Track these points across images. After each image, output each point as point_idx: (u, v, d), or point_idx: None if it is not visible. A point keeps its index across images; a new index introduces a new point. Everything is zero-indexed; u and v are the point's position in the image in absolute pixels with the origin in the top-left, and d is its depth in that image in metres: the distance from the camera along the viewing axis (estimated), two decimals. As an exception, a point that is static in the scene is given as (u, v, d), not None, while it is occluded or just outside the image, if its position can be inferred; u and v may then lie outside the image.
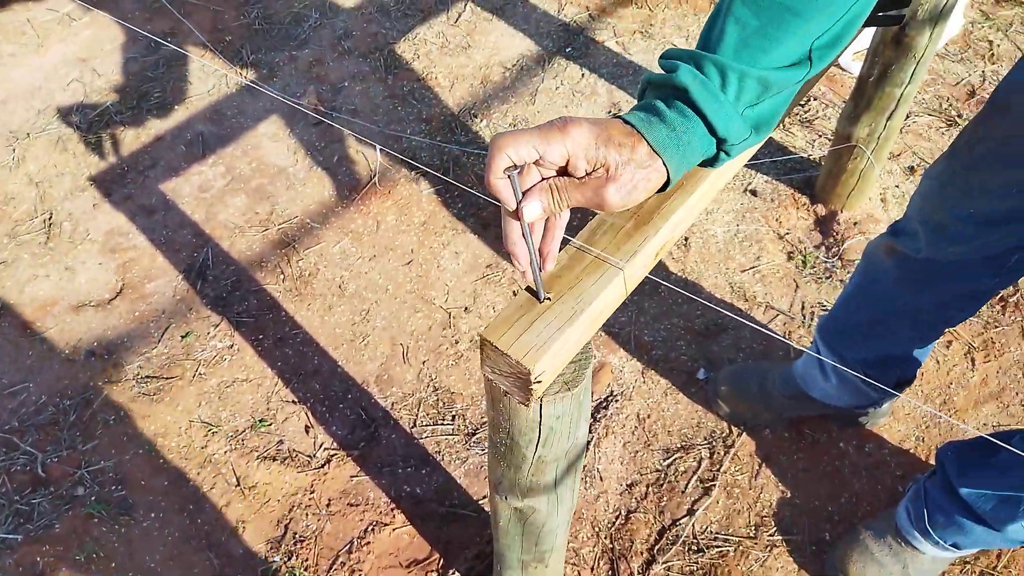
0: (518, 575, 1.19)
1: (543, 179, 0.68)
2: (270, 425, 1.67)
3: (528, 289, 0.76)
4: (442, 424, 1.67)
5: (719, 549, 1.50)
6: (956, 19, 2.40)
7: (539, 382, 0.73)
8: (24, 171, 2.12)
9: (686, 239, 1.93)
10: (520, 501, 0.95)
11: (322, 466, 1.61)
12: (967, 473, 1.24)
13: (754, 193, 2.03)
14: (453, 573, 1.48)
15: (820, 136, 2.15)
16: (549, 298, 0.75)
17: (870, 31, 1.75)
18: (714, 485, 1.57)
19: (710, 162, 0.73)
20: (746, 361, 1.73)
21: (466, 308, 1.85)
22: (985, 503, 1.22)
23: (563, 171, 0.68)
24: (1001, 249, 1.12)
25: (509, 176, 0.67)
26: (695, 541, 1.51)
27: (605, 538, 1.52)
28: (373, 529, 1.54)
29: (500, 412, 0.82)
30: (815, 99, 2.24)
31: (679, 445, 1.63)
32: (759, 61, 0.67)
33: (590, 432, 1.64)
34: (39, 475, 1.61)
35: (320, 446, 1.64)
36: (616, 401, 1.69)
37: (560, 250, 0.76)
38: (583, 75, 2.34)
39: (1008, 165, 1.03)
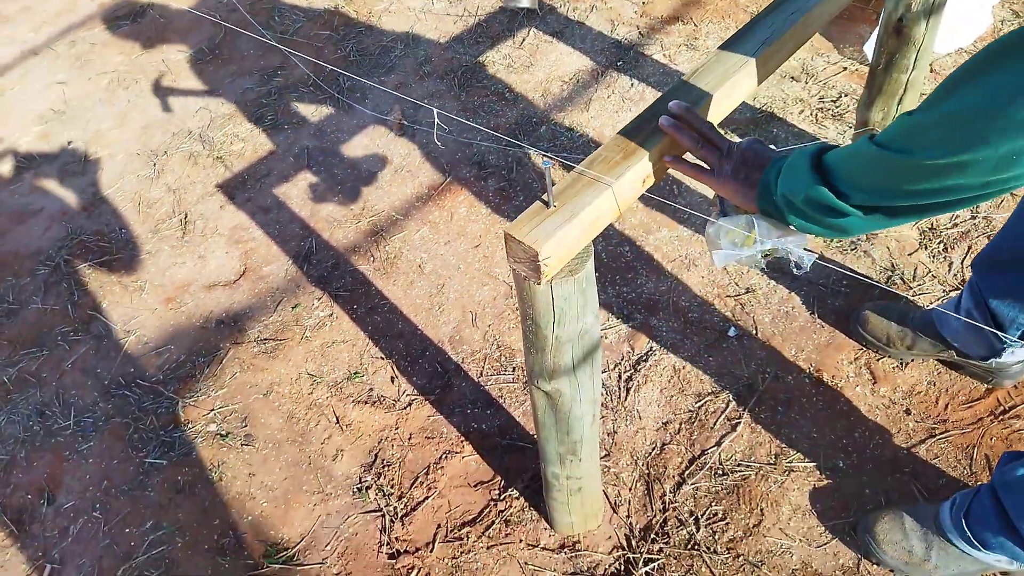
0: (557, 468, 1.46)
1: None
2: (363, 376, 2.00)
3: (541, 200, 1.05)
4: (504, 374, 1.96)
5: (742, 473, 1.72)
6: (984, 18, 2.57)
7: (546, 264, 1.01)
8: (163, 181, 2.57)
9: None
10: (548, 384, 1.23)
11: (405, 408, 1.93)
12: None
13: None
14: (512, 490, 1.75)
15: (849, 128, 2.36)
16: (555, 205, 1.04)
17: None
18: (740, 422, 1.79)
19: None
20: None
21: (526, 282, 2.14)
22: None
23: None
24: None
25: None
26: (721, 467, 1.73)
27: (642, 465, 1.76)
28: (446, 457, 1.83)
29: (525, 300, 1.11)
30: (845, 95, 2.45)
31: (709, 390, 1.86)
32: None
33: (631, 379, 1.89)
34: (179, 415, 1.99)
35: (403, 392, 1.96)
36: (655, 355, 1.94)
37: (569, 172, 1.06)
38: (632, 84, 2.63)
39: None
